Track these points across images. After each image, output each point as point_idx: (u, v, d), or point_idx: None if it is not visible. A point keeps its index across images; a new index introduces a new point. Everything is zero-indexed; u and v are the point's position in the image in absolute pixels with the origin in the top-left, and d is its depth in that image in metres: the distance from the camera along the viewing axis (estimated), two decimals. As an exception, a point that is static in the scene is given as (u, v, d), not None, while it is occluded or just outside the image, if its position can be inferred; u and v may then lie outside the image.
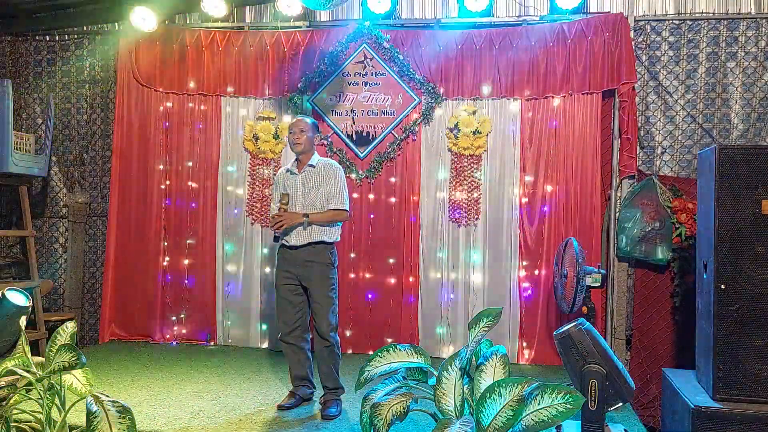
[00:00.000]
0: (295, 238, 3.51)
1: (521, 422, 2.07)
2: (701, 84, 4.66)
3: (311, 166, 3.60)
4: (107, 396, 2.33)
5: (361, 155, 4.96)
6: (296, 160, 3.65)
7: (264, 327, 5.09)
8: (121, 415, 2.26)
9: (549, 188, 4.72)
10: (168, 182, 5.21)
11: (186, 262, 5.18)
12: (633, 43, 4.61)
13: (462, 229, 4.83)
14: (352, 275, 4.94)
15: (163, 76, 5.19)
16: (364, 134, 4.96)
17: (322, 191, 3.56)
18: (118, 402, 2.30)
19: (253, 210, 5.10)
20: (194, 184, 5.18)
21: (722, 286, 3.01)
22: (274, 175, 4.79)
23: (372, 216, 4.94)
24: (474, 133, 4.74)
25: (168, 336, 5.18)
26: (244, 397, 3.76)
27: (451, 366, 2.32)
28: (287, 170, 3.67)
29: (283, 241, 3.54)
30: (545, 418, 2.06)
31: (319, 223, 3.52)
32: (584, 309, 3.87)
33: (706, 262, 3.17)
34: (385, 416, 2.28)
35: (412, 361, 2.48)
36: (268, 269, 5.07)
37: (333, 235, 3.59)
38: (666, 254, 4.46)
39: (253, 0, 5.23)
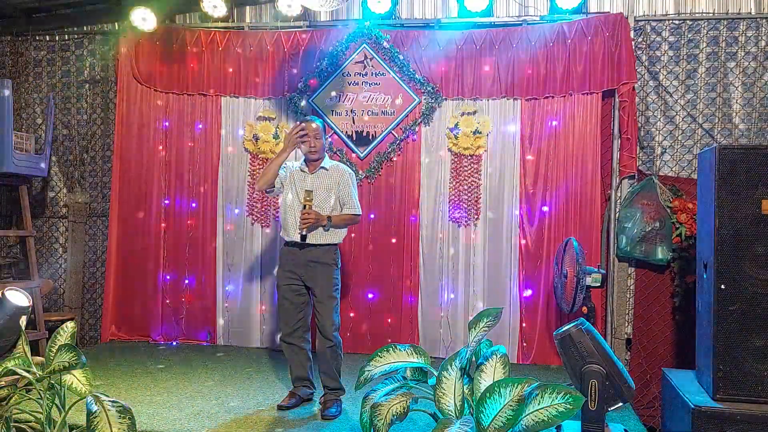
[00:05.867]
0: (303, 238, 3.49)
1: (521, 422, 2.07)
2: (701, 84, 4.66)
3: (324, 168, 3.60)
4: (107, 396, 2.33)
5: (361, 155, 4.96)
6: (305, 160, 3.64)
7: (264, 327, 5.09)
8: (121, 415, 2.26)
9: (549, 188, 4.71)
10: (168, 182, 5.21)
11: (186, 262, 5.17)
12: (633, 43, 4.61)
13: (462, 229, 4.83)
14: (352, 275, 4.94)
15: (163, 76, 5.19)
16: (364, 134, 4.96)
17: (333, 194, 3.56)
18: (118, 402, 2.30)
19: (253, 210, 5.10)
20: (194, 184, 5.18)
21: (722, 286, 3.01)
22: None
23: (372, 216, 4.93)
24: (474, 133, 4.74)
25: (168, 336, 5.18)
26: (244, 397, 3.76)
27: (451, 366, 2.32)
28: (299, 168, 3.65)
29: (292, 238, 3.52)
30: (545, 418, 2.06)
31: (337, 226, 3.52)
32: (584, 309, 3.87)
33: (706, 262, 3.17)
34: (385, 416, 2.28)
35: (412, 361, 2.48)
36: (268, 269, 5.07)
37: (339, 236, 3.59)
38: (666, 254, 4.45)
39: (253, 0, 5.23)
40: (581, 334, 2.70)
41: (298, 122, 3.66)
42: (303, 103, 5.03)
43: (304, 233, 3.43)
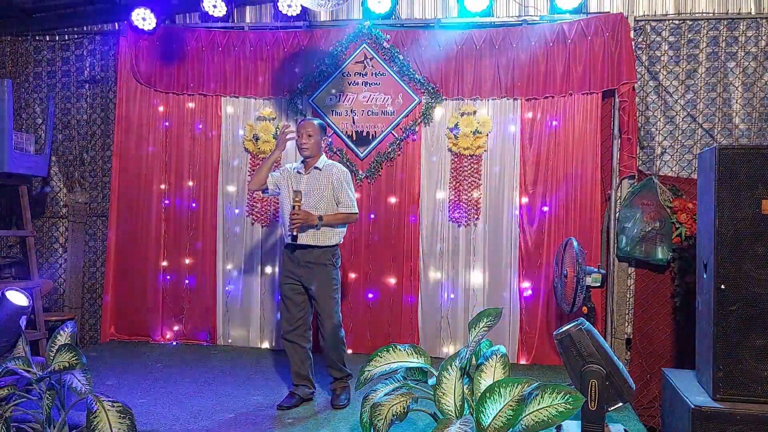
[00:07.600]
0: (300, 238, 3.49)
1: (521, 422, 2.07)
2: (701, 84, 4.66)
3: (317, 168, 3.60)
4: (107, 396, 2.33)
5: (361, 155, 4.95)
6: (303, 161, 3.66)
7: (264, 327, 5.09)
8: (121, 415, 2.27)
9: (549, 188, 4.71)
10: (168, 182, 5.22)
11: (186, 262, 5.17)
12: (633, 43, 4.61)
13: (462, 229, 4.83)
14: (352, 275, 4.94)
15: (163, 76, 5.19)
16: (364, 134, 4.96)
17: (327, 193, 3.56)
18: (118, 402, 2.30)
19: (253, 210, 5.10)
20: (194, 184, 5.19)
21: (722, 286, 3.01)
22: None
23: (372, 216, 4.93)
24: (474, 133, 4.74)
25: (168, 336, 5.18)
26: (244, 397, 3.76)
27: (451, 366, 2.32)
28: (295, 169, 3.66)
29: (288, 239, 3.53)
30: (545, 418, 2.06)
31: (330, 225, 3.52)
32: (584, 309, 3.87)
33: (706, 262, 3.17)
34: (385, 416, 2.28)
35: (412, 361, 2.49)
36: (268, 269, 5.07)
37: (337, 237, 3.59)
38: (666, 254, 4.46)
39: (253, 0, 5.23)
40: (581, 334, 2.70)
41: (299, 120, 3.69)
42: (303, 103, 5.03)
43: (294, 234, 3.44)
